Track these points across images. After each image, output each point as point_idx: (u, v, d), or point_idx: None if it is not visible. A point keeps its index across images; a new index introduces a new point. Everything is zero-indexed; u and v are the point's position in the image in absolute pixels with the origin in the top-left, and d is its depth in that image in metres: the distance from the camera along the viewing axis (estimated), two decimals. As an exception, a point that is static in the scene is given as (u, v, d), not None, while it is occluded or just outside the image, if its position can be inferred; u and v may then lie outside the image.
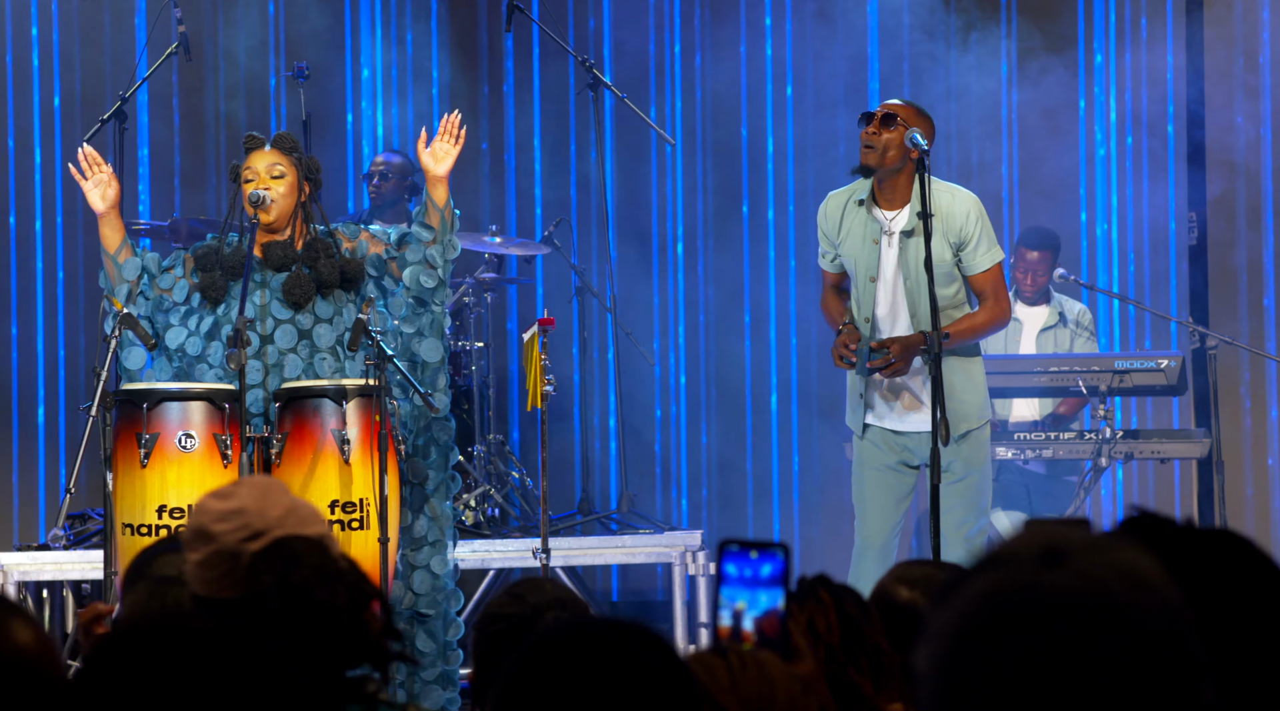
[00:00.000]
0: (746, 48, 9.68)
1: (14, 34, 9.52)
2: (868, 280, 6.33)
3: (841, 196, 6.44)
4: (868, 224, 6.35)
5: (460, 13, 9.76)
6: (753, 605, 2.49)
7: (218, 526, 2.89)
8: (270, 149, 6.16)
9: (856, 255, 6.35)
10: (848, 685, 2.69)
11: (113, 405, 5.78)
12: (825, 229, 6.45)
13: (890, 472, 6.39)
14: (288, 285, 6.03)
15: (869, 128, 6.24)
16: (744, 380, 9.63)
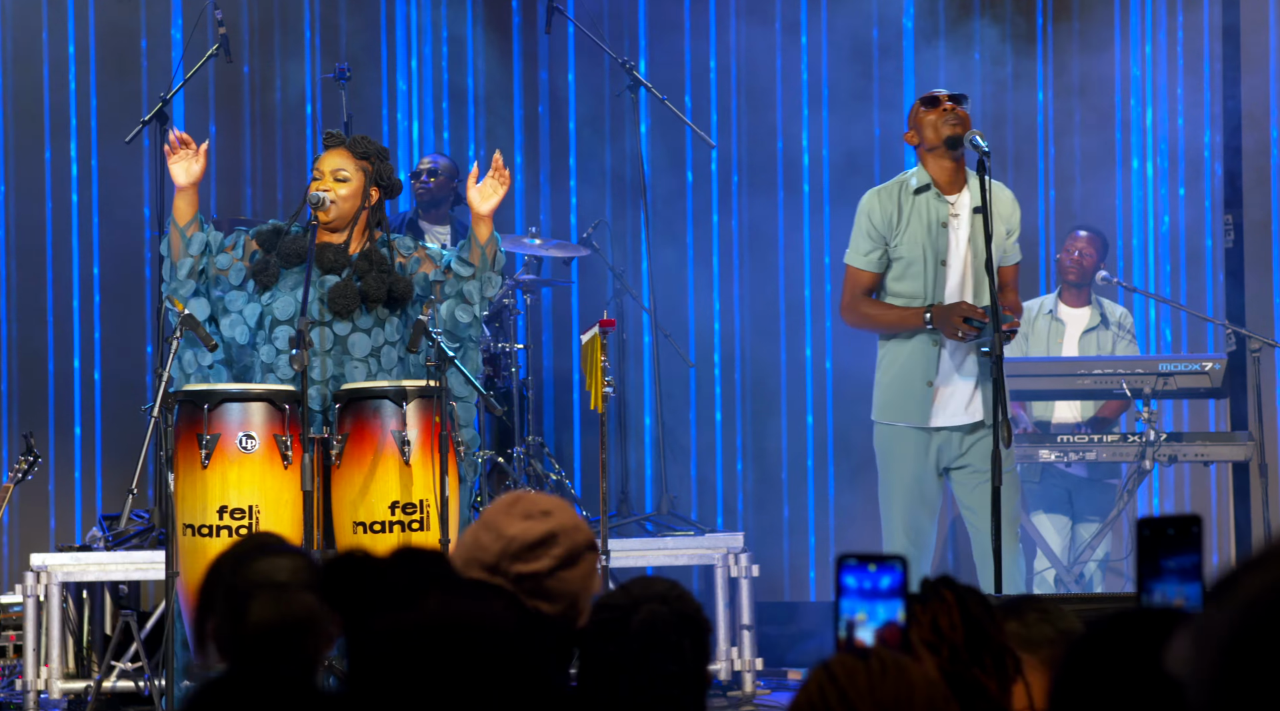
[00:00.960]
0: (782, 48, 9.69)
1: (50, 37, 9.52)
2: (938, 264, 6.37)
3: (891, 190, 6.48)
4: (933, 208, 6.40)
5: (497, 14, 9.76)
6: (872, 617, 2.51)
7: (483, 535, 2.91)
8: (341, 150, 6.15)
9: (924, 241, 6.39)
10: (972, 684, 2.70)
11: (174, 406, 5.78)
12: (877, 225, 6.46)
13: (932, 474, 6.40)
14: (334, 293, 6.03)
15: (943, 106, 6.29)
16: (780, 382, 9.62)
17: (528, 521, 2.92)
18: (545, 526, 2.91)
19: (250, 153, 9.65)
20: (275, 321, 6.02)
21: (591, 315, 9.60)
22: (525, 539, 2.90)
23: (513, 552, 2.89)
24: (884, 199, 6.46)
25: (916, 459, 6.40)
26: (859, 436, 9.53)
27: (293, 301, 6.01)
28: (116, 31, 9.54)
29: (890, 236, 6.44)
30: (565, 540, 2.90)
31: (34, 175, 9.49)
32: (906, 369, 6.44)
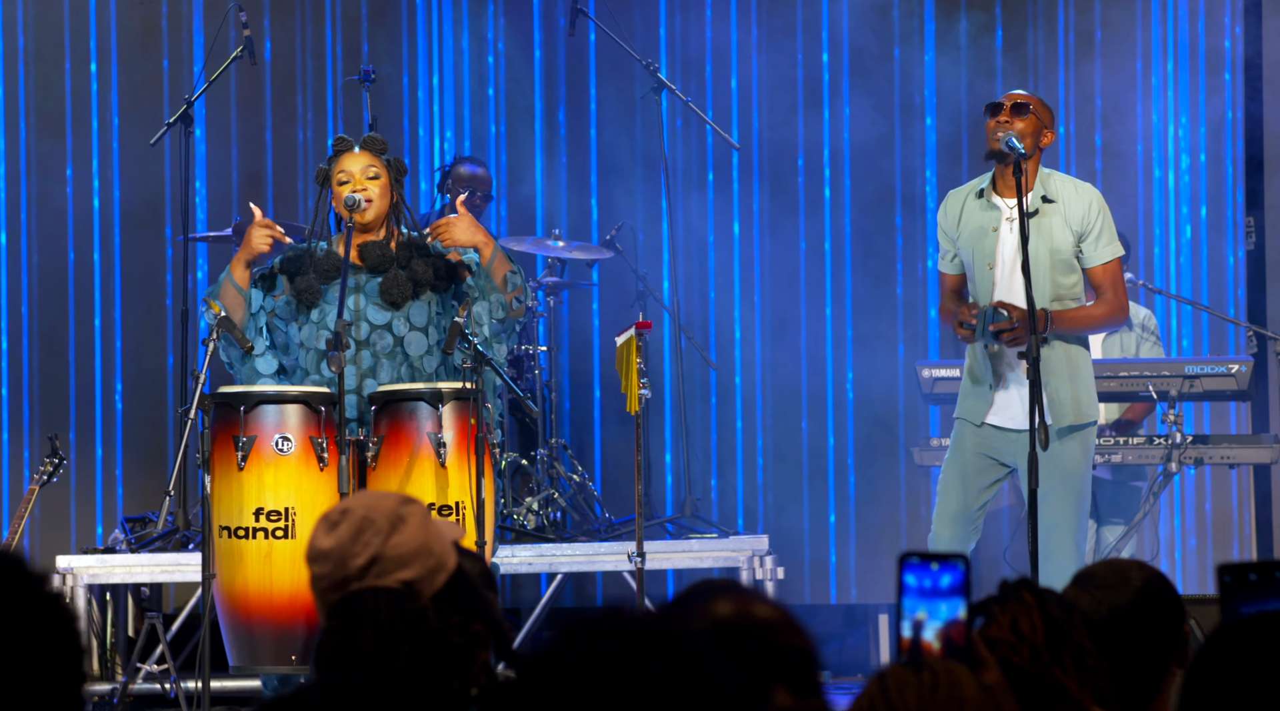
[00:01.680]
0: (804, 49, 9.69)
1: (73, 39, 9.52)
2: (985, 267, 6.43)
3: (960, 192, 6.61)
4: (986, 211, 6.47)
5: (518, 14, 9.76)
6: (933, 615, 2.52)
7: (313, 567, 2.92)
8: (361, 151, 6.17)
9: (975, 244, 6.46)
10: (1053, 685, 2.70)
11: (210, 408, 5.79)
12: (946, 227, 6.59)
13: (985, 459, 6.48)
14: (385, 285, 6.05)
15: (999, 116, 6.32)
16: (800, 384, 9.62)
17: (335, 530, 2.94)
18: (350, 522, 2.93)
19: (272, 156, 9.65)
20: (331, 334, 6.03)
21: (612, 317, 9.62)
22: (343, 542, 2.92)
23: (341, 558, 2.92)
24: (950, 202, 6.62)
25: (969, 452, 6.52)
26: (880, 438, 9.56)
27: (346, 313, 6.01)
28: (139, 33, 9.54)
29: (955, 237, 6.56)
30: (374, 517, 2.91)
31: (56, 177, 9.49)
32: (971, 368, 6.58)
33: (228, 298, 6.00)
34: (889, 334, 9.53)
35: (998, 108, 6.40)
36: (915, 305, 9.50)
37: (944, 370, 8.09)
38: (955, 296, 6.62)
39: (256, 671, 5.80)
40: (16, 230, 9.48)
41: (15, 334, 9.47)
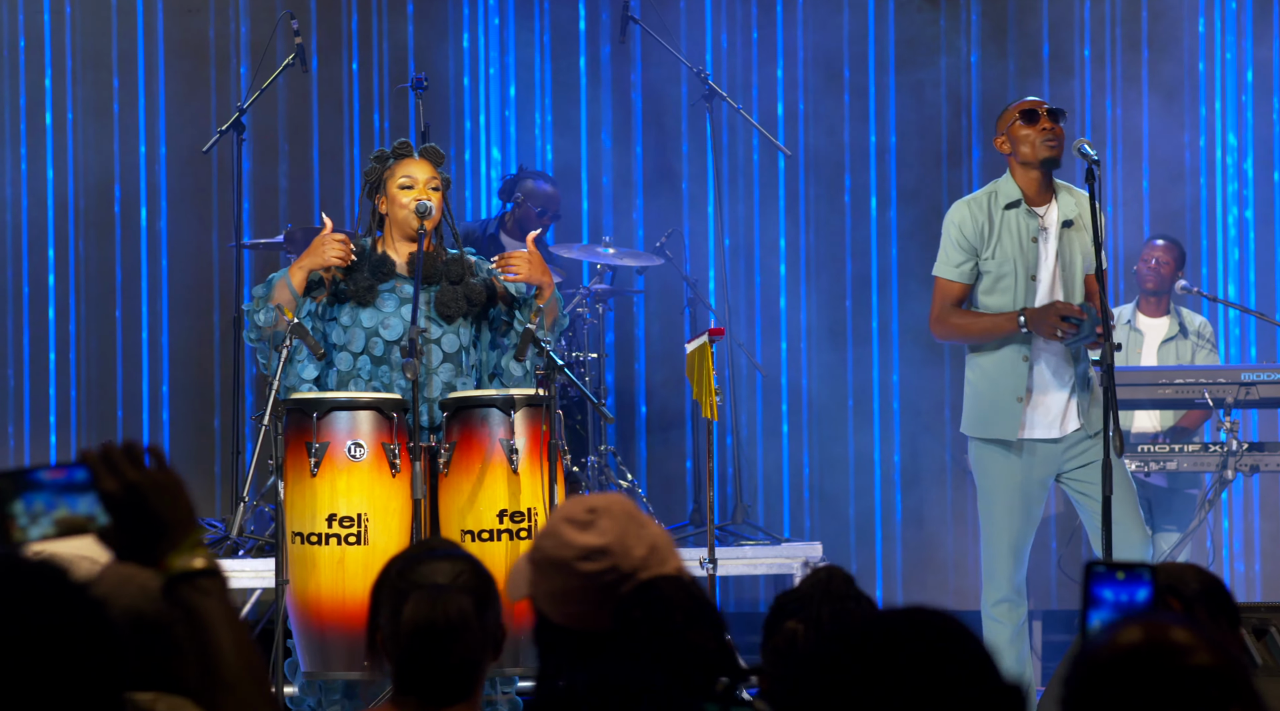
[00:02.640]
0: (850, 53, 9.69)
1: (120, 45, 9.53)
2: (1028, 279, 6.38)
3: (980, 201, 6.48)
4: (1023, 222, 6.41)
5: (564, 22, 9.76)
6: None
7: (583, 565, 2.88)
8: (423, 160, 6.17)
9: (1015, 256, 6.40)
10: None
11: (283, 414, 5.79)
12: (968, 236, 6.45)
13: (1038, 488, 6.42)
14: (441, 298, 6.05)
15: (1043, 123, 6.30)
16: (847, 390, 9.62)
17: (593, 528, 2.95)
18: (610, 518, 2.93)
19: (319, 162, 9.66)
20: (387, 344, 6.03)
21: (660, 324, 9.62)
22: (616, 535, 2.93)
23: (622, 551, 2.92)
24: (974, 210, 6.46)
25: (1014, 472, 6.41)
26: (927, 443, 9.55)
27: (400, 321, 6.01)
28: (188, 40, 9.55)
29: (981, 248, 6.45)
30: (627, 510, 2.93)
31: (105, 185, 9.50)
32: (995, 383, 6.43)
33: (280, 300, 5.98)
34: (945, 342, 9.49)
35: (1035, 115, 6.36)
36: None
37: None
38: (957, 306, 6.50)
39: (330, 677, 5.80)
40: (65, 237, 9.48)
41: (64, 341, 9.48)
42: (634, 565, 2.86)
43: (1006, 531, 6.37)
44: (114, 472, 2.37)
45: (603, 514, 2.89)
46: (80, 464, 2.37)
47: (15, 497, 2.34)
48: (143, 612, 2.80)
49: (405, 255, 6.13)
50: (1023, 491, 6.38)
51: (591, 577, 2.86)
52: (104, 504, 2.36)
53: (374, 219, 6.21)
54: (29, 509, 2.34)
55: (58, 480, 2.36)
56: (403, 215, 6.08)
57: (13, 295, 9.46)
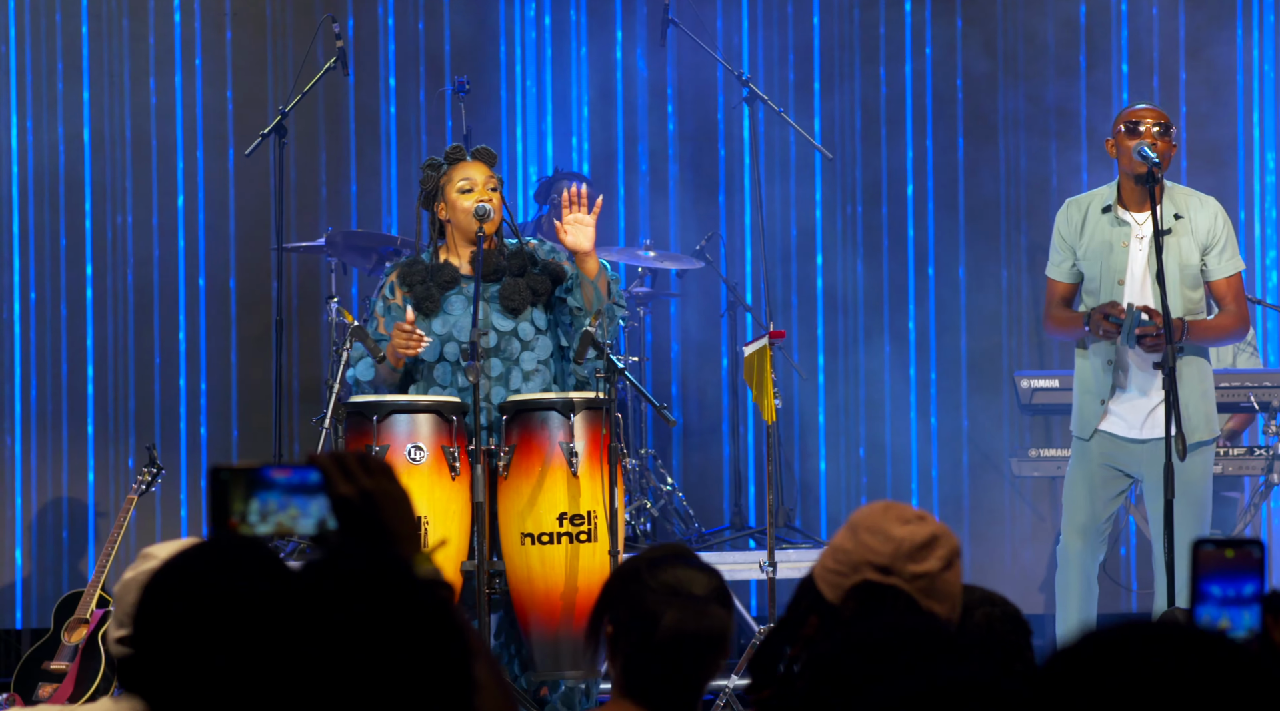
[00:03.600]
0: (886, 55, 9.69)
1: (157, 52, 9.55)
2: (1115, 283, 6.46)
3: (1083, 203, 6.63)
4: (1115, 227, 6.50)
5: (601, 25, 9.77)
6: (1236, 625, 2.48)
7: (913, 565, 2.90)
8: (478, 162, 6.19)
9: (1104, 259, 6.50)
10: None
11: (344, 417, 5.80)
12: (1066, 236, 6.61)
13: (1110, 470, 6.49)
14: (505, 292, 6.07)
15: (1145, 137, 6.35)
16: (884, 394, 9.62)
17: (909, 525, 2.94)
18: (927, 529, 2.94)
19: (355, 166, 9.66)
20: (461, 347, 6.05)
21: (697, 328, 9.62)
22: (914, 540, 2.91)
23: (905, 553, 2.90)
24: (1072, 212, 6.64)
25: (1086, 458, 6.54)
26: (970, 446, 9.54)
27: (468, 321, 6.03)
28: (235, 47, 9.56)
29: (1077, 248, 6.59)
30: (945, 542, 2.92)
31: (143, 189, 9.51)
32: (1086, 385, 6.61)
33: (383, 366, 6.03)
34: (989, 343, 9.50)
35: (1139, 128, 6.42)
36: (1016, 314, 9.48)
37: (1043, 380, 8.08)
38: (1064, 305, 6.65)
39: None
40: (103, 242, 9.49)
41: (107, 343, 9.48)
42: (905, 572, 2.91)
43: (1075, 511, 6.52)
44: (349, 478, 2.34)
45: (926, 523, 2.95)
46: (310, 467, 2.34)
47: (251, 495, 2.32)
48: None
49: (468, 257, 6.14)
50: (1095, 475, 6.52)
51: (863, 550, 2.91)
52: (335, 509, 2.33)
53: (434, 227, 6.22)
54: (262, 507, 2.31)
55: (289, 480, 2.34)
56: (464, 219, 6.10)
57: (51, 301, 9.46)
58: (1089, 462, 6.54)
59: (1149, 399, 6.43)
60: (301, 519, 2.34)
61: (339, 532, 2.33)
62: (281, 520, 2.33)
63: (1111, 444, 6.51)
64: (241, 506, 2.33)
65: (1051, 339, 8.80)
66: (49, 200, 9.45)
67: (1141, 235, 6.47)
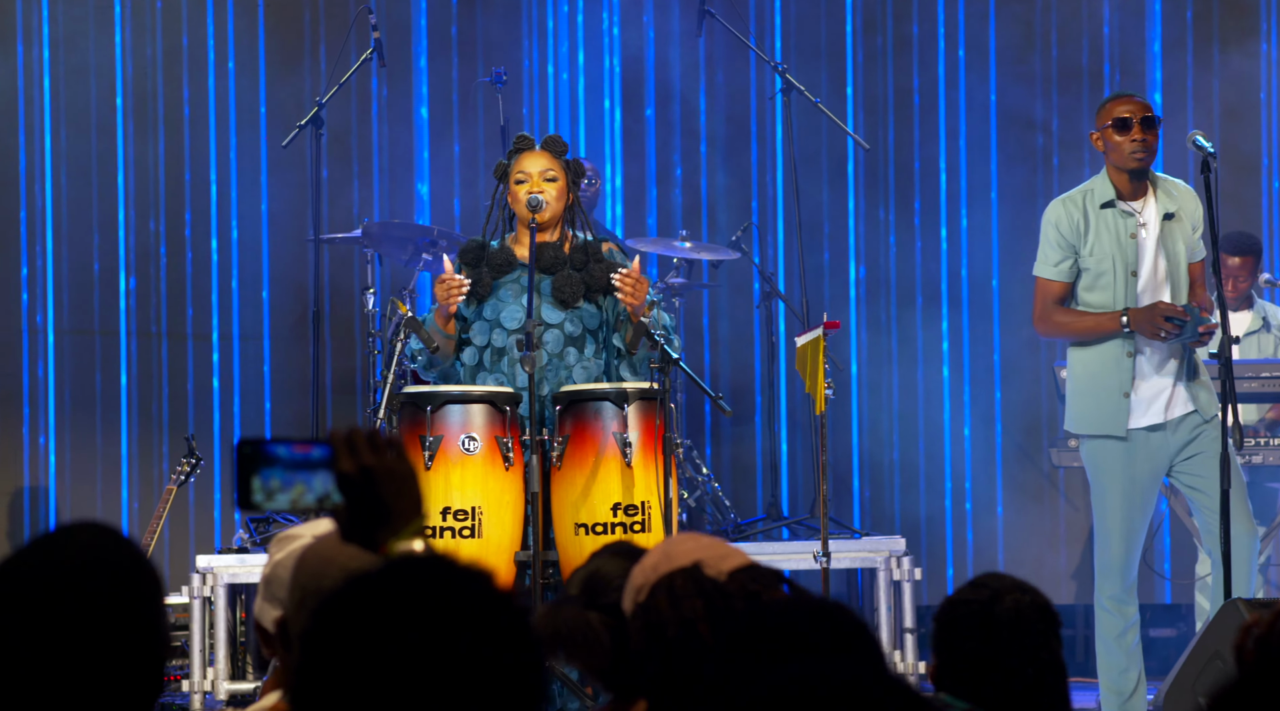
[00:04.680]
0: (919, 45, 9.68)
1: (190, 44, 9.54)
2: (1128, 275, 6.43)
3: (1075, 200, 6.56)
4: (1120, 220, 6.47)
5: (633, 16, 9.76)
6: None
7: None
8: (541, 151, 6.19)
9: (1114, 253, 6.46)
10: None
11: (398, 408, 5.80)
12: (1065, 234, 6.53)
13: (1153, 482, 6.45)
14: (558, 284, 6.07)
15: (1134, 133, 6.35)
16: (917, 383, 9.61)
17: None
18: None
19: (391, 157, 9.65)
20: (508, 333, 6.05)
21: (729, 318, 9.62)
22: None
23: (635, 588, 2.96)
24: (1070, 209, 6.55)
25: (1126, 465, 6.44)
26: (1003, 435, 9.54)
27: (520, 310, 6.03)
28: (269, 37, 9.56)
29: (1080, 246, 6.52)
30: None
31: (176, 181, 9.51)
32: (1099, 379, 6.49)
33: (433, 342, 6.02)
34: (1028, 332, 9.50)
35: (1128, 124, 6.41)
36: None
37: (1083, 370, 8.06)
38: (1059, 304, 6.56)
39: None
40: (145, 234, 9.49)
41: (138, 335, 9.48)
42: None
43: (1119, 525, 6.41)
44: (353, 455, 2.41)
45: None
46: (324, 442, 2.42)
47: (255, 472, 2.38)
48: None
49: (528, 246, 6.15)
50: (1135, 484, 6.43)
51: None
52: (338, 484, 2.41)
53: (503, 214, 6.23)
54: (265, 485, 2.38)
55: (295, 456, 2.40)
56: (519, 209, 6.12)
57: (84, 291, 9.47)
58: (1126, 470, 6.43)
59: (1167, 381, 6.41)
60: (306, 494, 2.41)
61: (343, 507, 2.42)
62: (292, 496, 2.41)
63: (1146, 443, 6.44)
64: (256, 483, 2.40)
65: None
66: (81, 190, 9.45)
67: (1145, 222, 6.47)
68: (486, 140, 9.47)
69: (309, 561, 2.87)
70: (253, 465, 2.39)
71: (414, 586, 1.97)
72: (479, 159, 9.47)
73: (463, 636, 1.93)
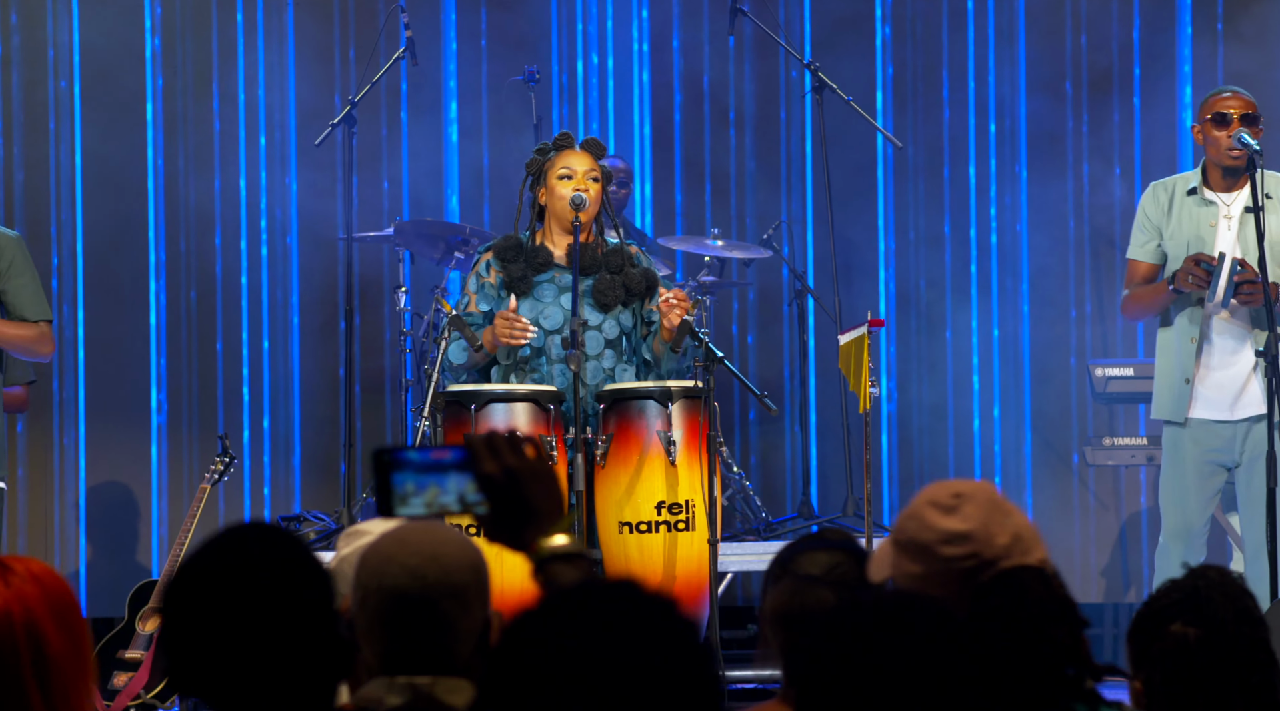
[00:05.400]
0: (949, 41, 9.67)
1: (220, 42, 9.54)
2: None
3: (1169, 186, 6.67)
4: (1201, 208, 6.53)
5: (662, 14, 9.75)
6: None
7: (945, 549, 2.84)
8: (583, 152, 6.18)
9: (1190, 241, 6.52)
10: None
11: (441, 406, 5.80)
12: (1151, 217, 6.64)
13: (1208, 466, 6.45)
14: (599, 287, 6.06)
15: (1233, 128, 6.35)
16: (946, 382, 9.60)
17: (958, 512, 2.90)
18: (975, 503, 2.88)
19: (419, 155, 9.65)
20: (546, 333, 6.04)
21: (760, 316, 9.60)
22: (980, 521, 2.87)
23: (985, 537, 2.87)
24: (1159, 193, 6.67)
25: (1183, 453, 6.50)
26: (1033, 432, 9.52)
27: (559, 311, 6.02)
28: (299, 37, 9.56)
29: (1164, 229, 6.61)
30: (992, 497, 2.88)
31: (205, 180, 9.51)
32: (1168, 362, 6.59)
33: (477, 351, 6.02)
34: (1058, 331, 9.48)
35: (1227, 120, 6.42)
36: (1082, 301, 9.46)
37: (1118, 369, 8.07)
38: (1144, 285, 6.65)
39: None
40: (175, 232, 9.49)
41: (167, 333, 9.49)
42: (995, 553, 2.82)
43: (1174, 513, 6.50)
44: (495, 457, 2.46)
45: (967, 499, 2.84)
46: (461, 447, 2.47)
47: (389, 478, 2.44)
48: (407, 592, 2.82)
49: (564, 246, 6.14)
50: (1191, 473, 6.46)
51: (952, 562, 2.82)
52: (481, 486, 2.46)
53: (534, 211, 6.22)
54: (400, 490, 2.43)
55: (429, 460, 2.45)
56: (560, 207, 6.10)
57: (112, 289, 9.47)
58: (1184, 457, 6.49)
59: (1238, 376, 6.41)
60: (442, 496, 2.47)
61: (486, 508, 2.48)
62: (426, 500, 2.47)
63: (1206, 432, 6.48)
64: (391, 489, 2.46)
65: (1131, 322, 8.76)
66: (109, 190, 9.45)
67: (1230, 214, 6.50)
68: (517, 138, 9.46)
69: (370, 560, 2.88)
70: (388, 472, 2.43)
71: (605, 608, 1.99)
72: (509, 158, 9.46)
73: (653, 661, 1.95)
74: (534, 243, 6.19)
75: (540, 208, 6.21)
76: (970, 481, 2.87)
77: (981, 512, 2.83)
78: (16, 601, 2.53)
